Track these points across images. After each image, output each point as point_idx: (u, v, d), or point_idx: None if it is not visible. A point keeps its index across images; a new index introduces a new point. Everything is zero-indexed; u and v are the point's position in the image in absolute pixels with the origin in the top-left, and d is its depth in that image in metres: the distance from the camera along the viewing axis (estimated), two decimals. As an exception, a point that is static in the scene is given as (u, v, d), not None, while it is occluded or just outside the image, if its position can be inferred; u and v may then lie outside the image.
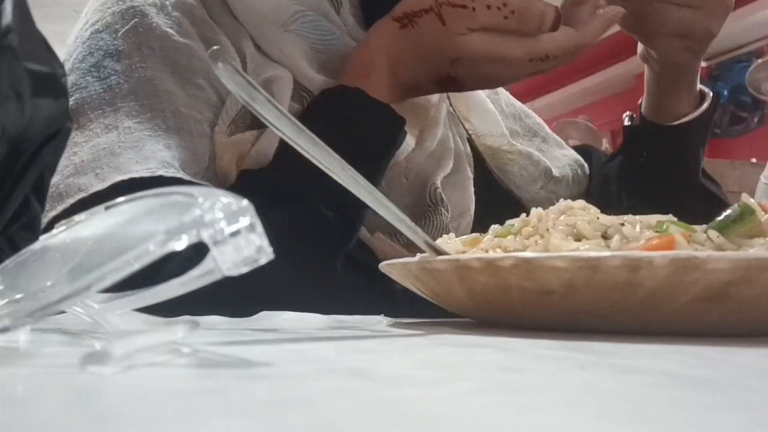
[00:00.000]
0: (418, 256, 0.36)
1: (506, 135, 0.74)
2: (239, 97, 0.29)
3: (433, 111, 0.68)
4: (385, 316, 0.44)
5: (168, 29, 0.59)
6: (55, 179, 0.53)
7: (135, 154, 0.53)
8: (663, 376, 0.20)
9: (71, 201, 0.51)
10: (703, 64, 0.72)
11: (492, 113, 0.75)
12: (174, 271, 0.21)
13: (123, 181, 0.51)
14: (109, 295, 0.25)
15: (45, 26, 0.43)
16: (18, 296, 0.24)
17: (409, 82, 0.59)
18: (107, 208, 0.25)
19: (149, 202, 0.23)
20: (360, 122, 0.57)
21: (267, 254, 0.20)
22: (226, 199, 0.20)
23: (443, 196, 0.65)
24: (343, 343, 0.30)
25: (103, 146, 0.53)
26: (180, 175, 0.53)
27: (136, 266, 0.20)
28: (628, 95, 4.72)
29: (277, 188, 0.53)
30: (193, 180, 0.54)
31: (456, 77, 0.58)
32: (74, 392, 0.17)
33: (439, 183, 0.66)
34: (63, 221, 0.26)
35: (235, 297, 0.39)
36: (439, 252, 0.35)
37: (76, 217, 0.26)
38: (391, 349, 0.28)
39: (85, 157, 0.53)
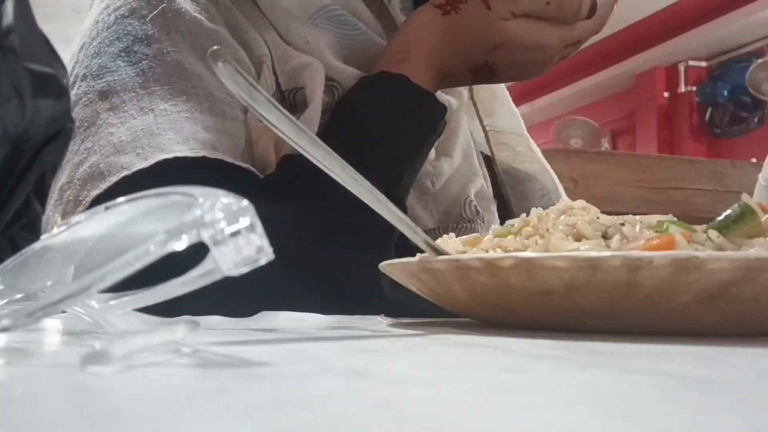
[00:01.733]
0: (418, 256, 0.36)
1: (526, 137, 0.73)
2: (240, 97, 0.29)
3: (453, 120, 0.67)
4: (385, 316, 0.44)
5: (197, 15, 0.58)
6: (93, 159, 0.52)
7: (175, 134, 0.52)
8: (663, 376, 0.20)
9: (114, 179, 0.50)
10: (703, 64, 0.70)
11: (516, 114, 0.74)
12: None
13: (167, 160, 0.50)
14: (109, 295, 0.25)
15: (45, 26, 0.43)
16: (18, 296, 0.24)
17: (445, 72, 0.59)
18: (107, 208, 0.25)
19: (149, 202, 0.23)
20: (403, 108, 0.56)
21: (267, 254, 0.20)
22: (227, 199, 0.20)
23: (479, 208, 0.65)
24: (343, 343, 0.30)
25: (141, 127, 0.52)
26: (222, 157, 0.52)
27: (136, 266, 0.20)
28: (628, 95, 4.72)
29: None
30: (235, 163, 0.53)
31: (492, 66, 0.58)
32: (74, 392, 0.17)
33: (473, 196, 0.65)
34: (64, 222, 0.26)
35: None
36: (439, 252, 0.35)
37: (76, 217, 0.26)
38: (391, 349, 0.28)
39: (124, 137, 0.52)
